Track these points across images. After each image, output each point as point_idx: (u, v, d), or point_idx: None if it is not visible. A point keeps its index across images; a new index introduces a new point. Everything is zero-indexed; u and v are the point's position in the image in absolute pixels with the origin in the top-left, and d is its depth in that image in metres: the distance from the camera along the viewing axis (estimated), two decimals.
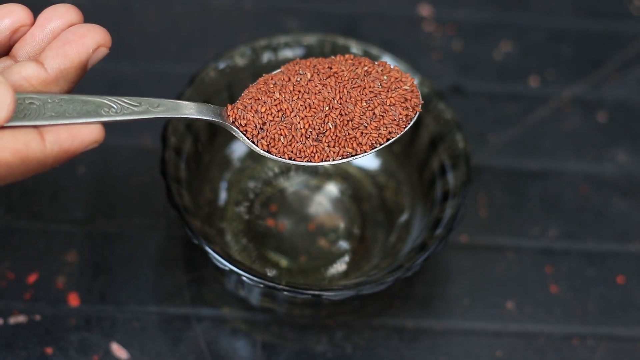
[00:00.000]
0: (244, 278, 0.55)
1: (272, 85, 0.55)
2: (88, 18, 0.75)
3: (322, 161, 0.54)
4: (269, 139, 0.54)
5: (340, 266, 0.65)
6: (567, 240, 0.68)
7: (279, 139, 0.54)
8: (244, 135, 0.54)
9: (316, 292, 0.55)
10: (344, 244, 0.66)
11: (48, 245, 0.64)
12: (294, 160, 0.54)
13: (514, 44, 0.78)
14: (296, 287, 0.55)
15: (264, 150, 0.54)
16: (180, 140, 0.60)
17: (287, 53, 0.65)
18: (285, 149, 0.54)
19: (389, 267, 0.59)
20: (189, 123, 0.61)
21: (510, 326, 0.64)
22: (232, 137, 0.66)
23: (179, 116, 0.52)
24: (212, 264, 0.58)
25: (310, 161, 0.54)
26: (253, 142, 0.54)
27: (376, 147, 0.55)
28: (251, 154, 0.67)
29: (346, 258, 0.65)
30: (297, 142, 0.54)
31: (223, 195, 0.66)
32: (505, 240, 0.68)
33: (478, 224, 0.68)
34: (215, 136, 0.65)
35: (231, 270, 0.55)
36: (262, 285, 0.55)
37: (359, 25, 0.78)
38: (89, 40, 0.49)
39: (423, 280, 0.65)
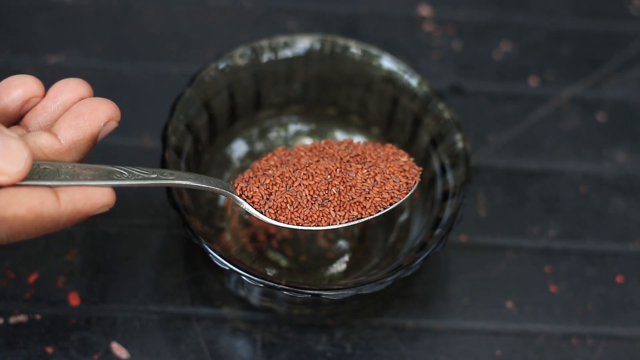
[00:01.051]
0: (244, 277, 0.55)
1: (274, 160, 0.58)
2: (88, 18, 0.75)
3: (328, 225, 0.57)
4: (275, 207, 0.56)
5: (340, 266, 0.65)
6: (567, 240, 0.68)
7: (286, 207, 0.56)
8: (251, 206, 0.56)
9: (316, 292, 0.56)
10: (343, 244, 0.66)
11: (48, 245, 0.64)
12: (302, 225, 0.56)
13: (514, 44, 0.78)
14: (296, 286, 0.55)
15: (271, 218, 0.56)
16: (180, 140, 0.60)
17: (287, 53, 0.65)
18: (292, 216, 0.56)
19: (389, 267, 0.59)
20: (189, 123, 0.61)
21: (510, 326, 0.64)
22: (232, 137, 0.67)
23: (188, 184, 0.54)
24: (212, 264, 0.58)
25: (318, 225, 0.57)
26: (261, 213, 0.56)
27: (381, 211, 0.57)
28: (251, 154, 0.67)
29: (346, 258, 0.65)
30: (304, 207, 0.56)
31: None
32: (504, 240, 0.68)
33: (478, 223, 0.68)
34: (215, 136, 0.65)
35: (231, 270, 0.55)
36: (262, 285, 0.55)
37: (359, 26, 0.78)
38: (101, 114, 0.51)
39: (423, 280, 0.65)
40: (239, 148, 0.67)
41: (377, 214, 0.57)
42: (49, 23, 0.75)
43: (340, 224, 0.57)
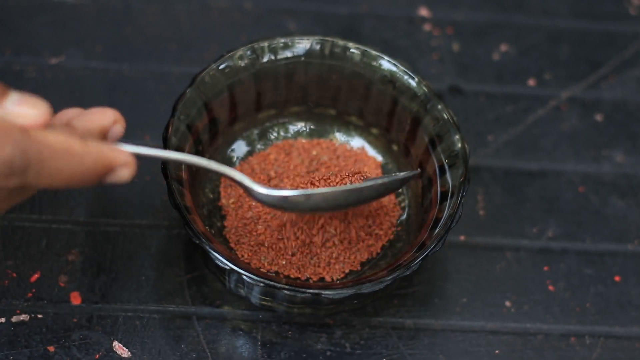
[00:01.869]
0: (245, 277, 0.56)
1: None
2: (89, 18, 0.76)
3: (338, 185, 0.59)
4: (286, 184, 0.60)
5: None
6: (566, 239, 0.69)
7: (295, 179, 0.62)
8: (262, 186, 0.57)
9: (316, 291, 0.56)
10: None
11: (50, 245, 0.64)
12: (315, 187, 0.59)
13: (513, 45, 0.78)
14: (296, 285, 0.56)
15: (284, 189, 0.59)
16: (181, 140, 0.61)
17: (287, 54, 0.65)
18: (305, 186, 0.60)
19: (388, 266, 0.59)
20: (190, 123, 0.61)
21: (509, 325, 0.64)
22: (233, 138, 0.67)
23: (203, 163, 0.55)
24: (212, 263, 0.58)
25: (330, 186, 0.59)
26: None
27: (384, 176, 0.61)
28: (251, 154, 0.67)
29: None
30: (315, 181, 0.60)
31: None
32: (503, 240, 0.68)
33: (477, 223, 0.68)
34: (215, 137, 0.65)
35: (232, 269, 0.56)
36: (262, 284, 0.56)
37: (358, 26, 0.78)
38: (109, 113, 0.53)
39: (422, 280, 0.65)
40: (239, 148, 0.67)
41: (385, 178, 0.59)
42: (50, 24, 0.75)
43: (350, 184, 0.59)
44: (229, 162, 0.67)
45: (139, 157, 0.52)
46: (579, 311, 0.65)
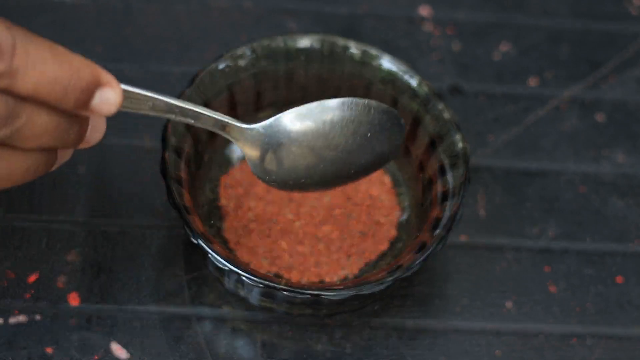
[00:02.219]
0: (244, 277, 0.56)
1: None
2: (89, 18, 0.76)
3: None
4: None
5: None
6: (566, 240, 0.69)
7: None
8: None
9: (316, 292, 0.56)
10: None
11: (48, 245, 0.64)
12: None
13: (513, 45, 0.78)
14: (296, 286, 0.56)
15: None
16: (180, 140, 0.61)
17: (287, 54, 0.65)
18: None
19: (389, 267, 0.59)
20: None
21: (509, 325, 0.64)
22: None
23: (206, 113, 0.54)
24: (212, 264, 0.58)
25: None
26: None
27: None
28: None
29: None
30: None
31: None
32: (504, 240, 0.68)
33: (477, 223, 0.68)
34: (215, 136, 0.65)
35: (231, 270, 0.56)
36: (261, 285, 0.56)
37: (358, 26, 0.78)
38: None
39: (422, 280, 0.65)
40: (238, 149, 0.67)
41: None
42: (50, 24, 0.75)
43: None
44: (228, 162, 0.67)
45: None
46: (580, 311, 0.65)
